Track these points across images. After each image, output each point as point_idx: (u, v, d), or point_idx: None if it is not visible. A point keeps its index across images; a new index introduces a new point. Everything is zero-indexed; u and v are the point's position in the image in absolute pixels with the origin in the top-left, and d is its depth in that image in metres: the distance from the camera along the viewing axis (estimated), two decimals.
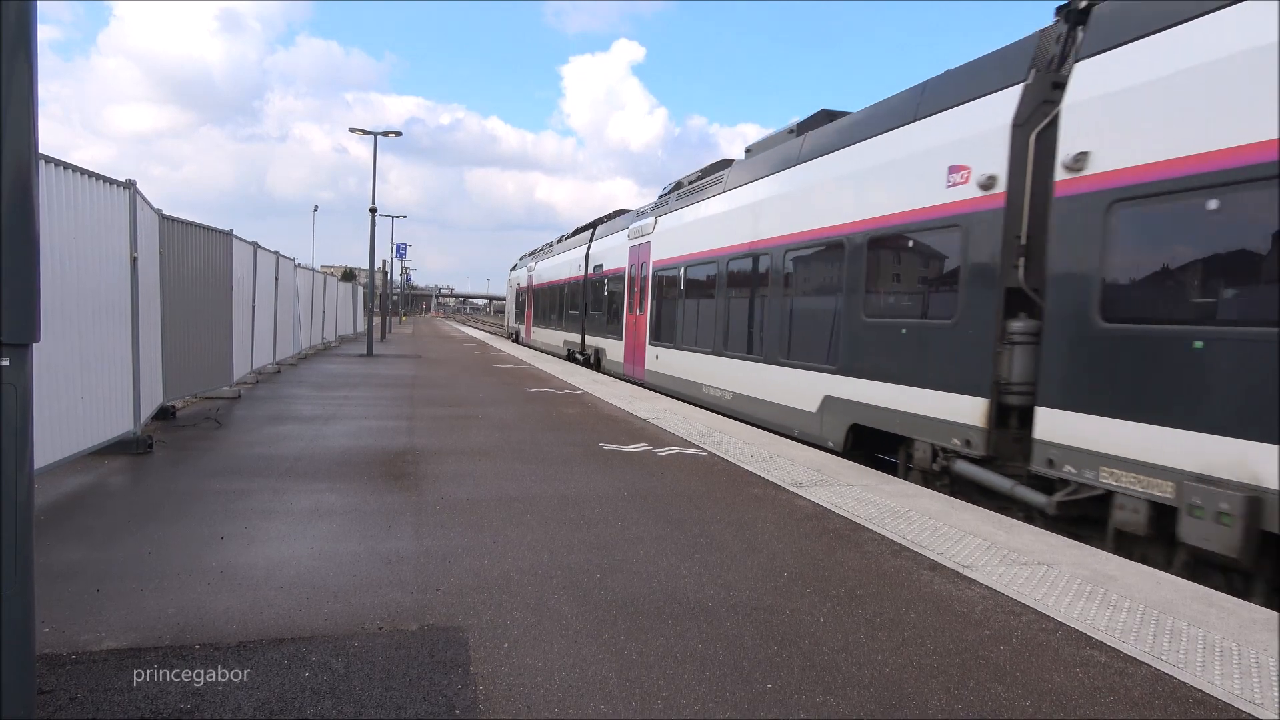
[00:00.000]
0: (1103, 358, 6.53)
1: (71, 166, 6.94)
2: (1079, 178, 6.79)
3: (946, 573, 5.34)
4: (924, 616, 4.56)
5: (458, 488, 7.40)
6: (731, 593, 4.85)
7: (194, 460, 8.36)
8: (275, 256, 18.00)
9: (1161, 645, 4.18)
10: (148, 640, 3.88)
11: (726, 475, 8.33)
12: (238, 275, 13.86)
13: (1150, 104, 6.26)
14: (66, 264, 6.78)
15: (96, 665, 3.60)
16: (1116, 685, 3.74)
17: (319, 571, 4.99)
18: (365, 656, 3.79)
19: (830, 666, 3.87)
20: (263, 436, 9.97)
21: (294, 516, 6.28)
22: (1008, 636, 4.30)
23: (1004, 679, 3.79)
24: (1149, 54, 6.36)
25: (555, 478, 7.97)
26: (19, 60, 2.41)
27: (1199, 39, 5.95)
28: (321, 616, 4.27)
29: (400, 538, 5.77)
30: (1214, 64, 5.77)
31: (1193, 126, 5.89)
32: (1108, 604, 4.77)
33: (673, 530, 6.19)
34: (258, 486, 7.22)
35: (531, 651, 3.92)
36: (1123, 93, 6.51)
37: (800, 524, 6.50)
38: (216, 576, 4.82)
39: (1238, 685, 3.73)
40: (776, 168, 12.43)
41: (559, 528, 6.17)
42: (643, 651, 3.96)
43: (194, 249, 11.40)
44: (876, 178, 9.66)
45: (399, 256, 51.39)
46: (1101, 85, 6.73)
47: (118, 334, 8.13)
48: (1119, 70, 6.60)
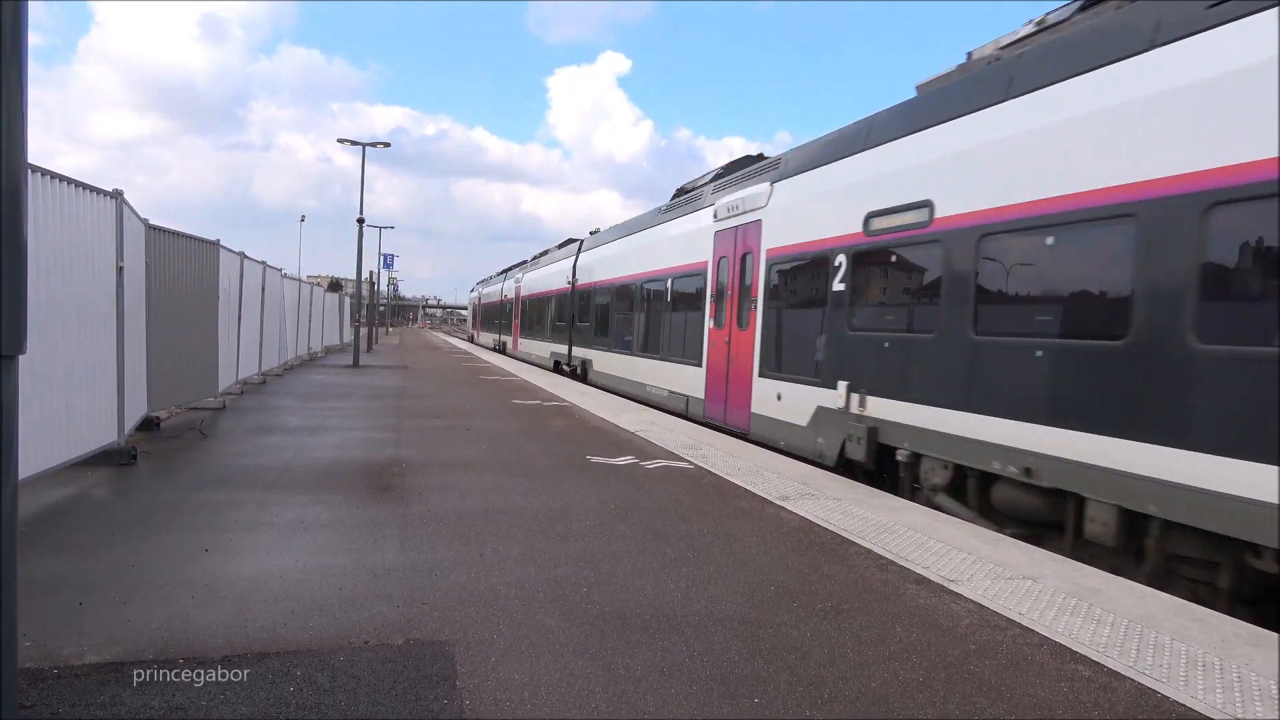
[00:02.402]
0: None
1: (59, 176, 6.91)
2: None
3: (932, 587, 5.36)
4: (910, 631, 4.57)
5: (444, 500, 7.37)
6: (718, 606, 4.85)
7: (178, 472, 8.30)
8: (262, 267, 17.93)
9: (1145, 660, 4.20)
10: (131, 654, 3.85)
11: (713, 488, 8.34)
12: (224, 285, 13.80)
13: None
14: (52, 274, 6.75)
15: (79, 680, 3.57)
16: (1100, 700, 3.76)
17: (304, 585, 4.96)
18: (351, 671, 3.76)
19: (816, 681, 3.88)
20: (248, 448, 9.91)
21: (279, 529, 6.24)
22: (993, 651, 4.32)
23: (989, 693, 3.80)
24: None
25: (542, 490, 7.95)
26: (11, 69, 2.40)
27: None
28: (307, 630, 4.24)
29: (386, 551, 5.75)
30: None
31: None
32: (1092, 618, 4.80)
33: (659, 543, 6.19)
34: (243, 498, 7.17)
35: (518, 666, 3.91)
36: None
37: (787, 538, 6.51)
38: (201, 589, 4.79)
39: (1220, 699, 3.76)
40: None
41: (546, 541, 6.16)
42: (629, 666, 3.96)
43: (180, 259, 11.36)
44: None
45: (386, 267, 51.30)
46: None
47: (102, 344, 8.08)
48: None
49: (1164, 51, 6.13)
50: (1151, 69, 6.21)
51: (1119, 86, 6.47)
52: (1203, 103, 5.76)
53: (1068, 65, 7.00)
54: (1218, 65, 5.68)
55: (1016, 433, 7.10)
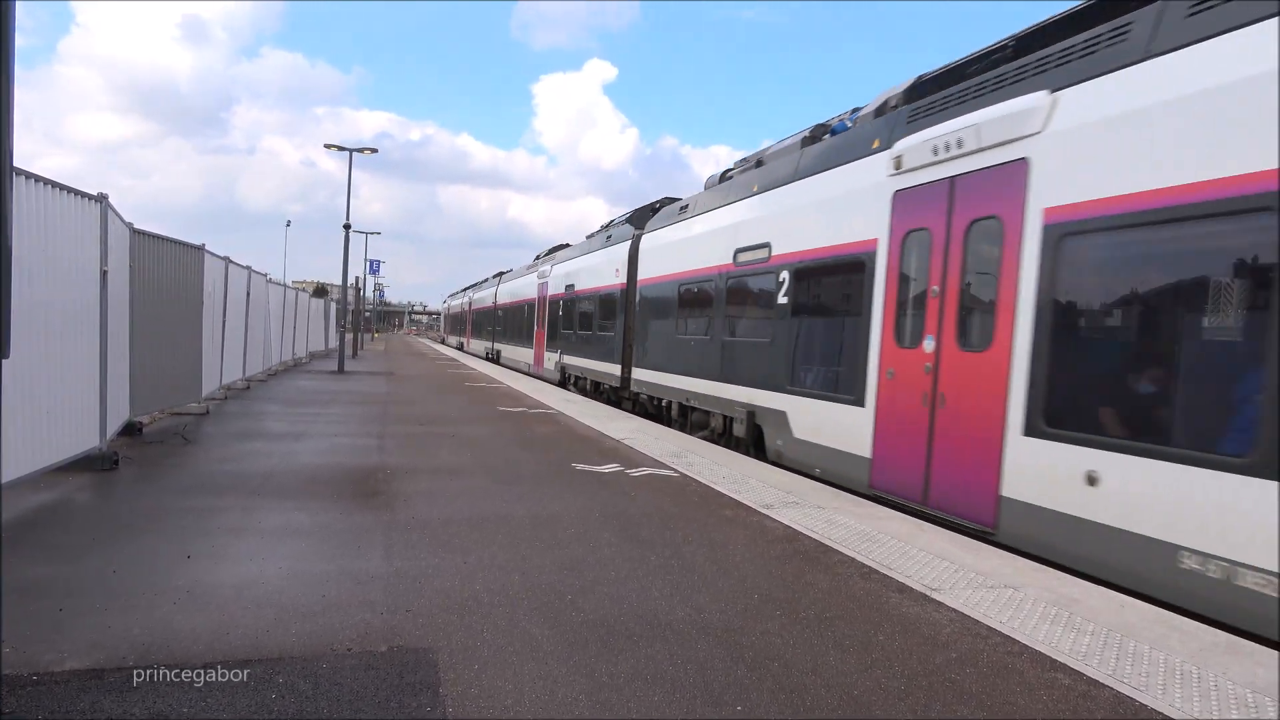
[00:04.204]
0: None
1: (43, 179, 6.87)
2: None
3: (914, 595, 5.39)
4: (892, 639, 4.60)
5: (429, 507, 7.36)
6: (702, 614, 4.87)
7: (161, 477, 8.24)
8: (247, 272, 17.85)
9: (1124, 668, 4.25)
10: (111, 661, 3.82)
11: (698, 496, 8.36)
12: (208, 290, 13.73)
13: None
14: (36, 277, 6.70)
15: (58, 686, 3.54)
16: (1080, 708, 3.80)
17: (288, 591, 4.94)
18: (333, 678, 3.75)
19: (799, 689, 3.90)
20: (232, 453, 9.86)
21: (263, 535, 6.22)
22: (974, 659, 4.35)
23: (970, 701, 3.83)
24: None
25: (527, 497, 7.95)
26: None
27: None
28: (290, 637, 4.22)
29: (370, 557, 5.73)
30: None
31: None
32: (1072, 627, 4.84)
33: (644, 551, 6.20)
34: (226, 504, 7.13)
35: (501, 673, 3.91)
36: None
37: (771, 546, 6.53)
38: (183, 596, 4.76)
39: (1197, 708, 3.80)
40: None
41: (531, 548, 6.16)
42: (613, 673, 3.97)
43: (165, 263, 11.30)
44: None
45: (372, 273, 51.14)
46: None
47: (85, 348, 8.02)
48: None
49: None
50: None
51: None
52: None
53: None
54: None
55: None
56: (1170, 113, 5.77)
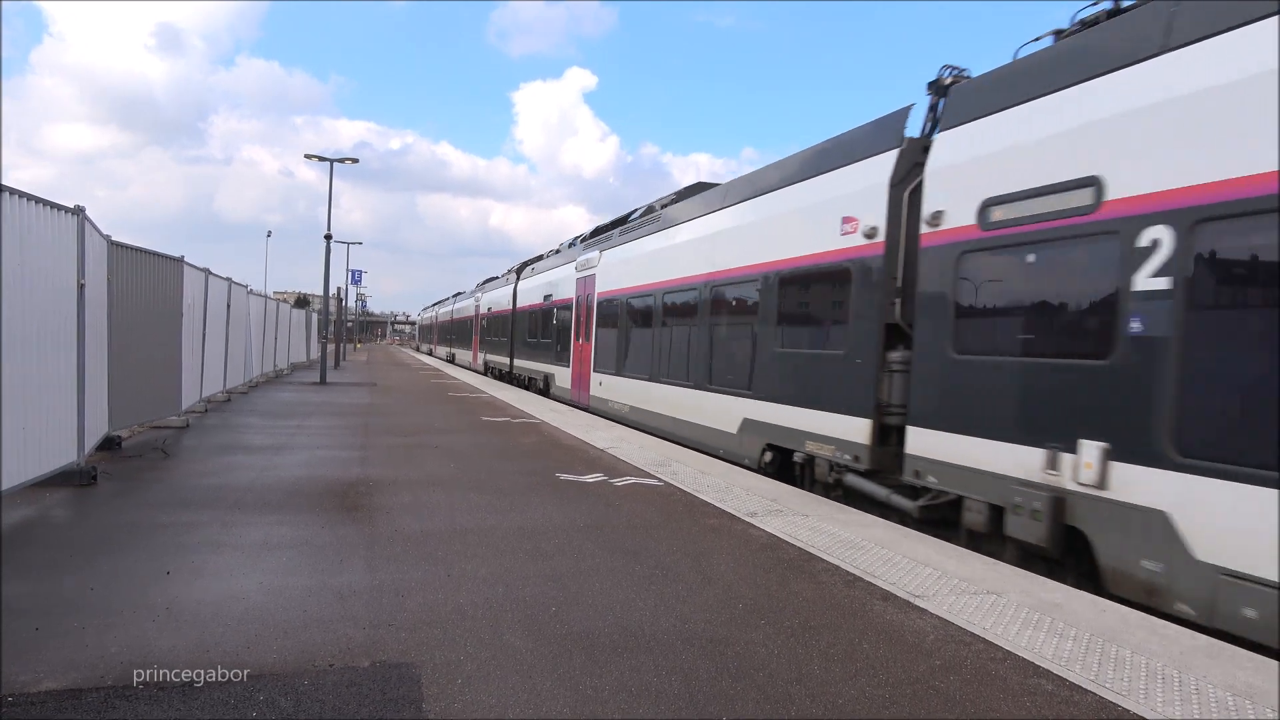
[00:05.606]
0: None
1: (19, 192, 6.80)
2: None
3: (898, 603, 5.41)
4: (876, 647, 4.61)
5: (412, 520, 7.32)
6: (687, 625, 4.86)
7: (140, 492, 8.15)
8: (227, 283, 17.72)
9: (1106, 673, 4.27)
10: (89, 680, 3.77)
11: (683, 505, 8.36)
12: (188, 302, 13.63)
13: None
14: (11, 291, 6.62)
15: (34, 707, 3.49)
16: (1063, 713, 3.82)
17: (268, 607, 4.89)
18: (315, 695, 3.72)
19: (784, 699, 3.90)
20: (212, 467, 9.76)
21: (243, 550, 6.15)
22: (958, 666, 4.36)
23: (954, 708, 3.85)
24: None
25: (511, 509, 7.92)
26: None
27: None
28: (270, 653, 4.18)
29: (353, 571, 5.69)
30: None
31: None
32: (1054, 632, 4.87)
33: (629, 562, 6.19)
34: (206, 519, 7.06)
35: (485, 687, 3.88)
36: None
37: (755, 554, 6.54)
38: (162, 613, 4.70)
39: (1178, 711, 3.83)
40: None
41: (514, 560, 6.13)
42: (598, 686, 3.95)
43: (143, 275, 11.20)
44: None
45: (355, 283, 50.89)
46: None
47: (62, 362, 7.93)
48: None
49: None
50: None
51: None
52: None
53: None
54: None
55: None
56: (628, 257, 17.32)
